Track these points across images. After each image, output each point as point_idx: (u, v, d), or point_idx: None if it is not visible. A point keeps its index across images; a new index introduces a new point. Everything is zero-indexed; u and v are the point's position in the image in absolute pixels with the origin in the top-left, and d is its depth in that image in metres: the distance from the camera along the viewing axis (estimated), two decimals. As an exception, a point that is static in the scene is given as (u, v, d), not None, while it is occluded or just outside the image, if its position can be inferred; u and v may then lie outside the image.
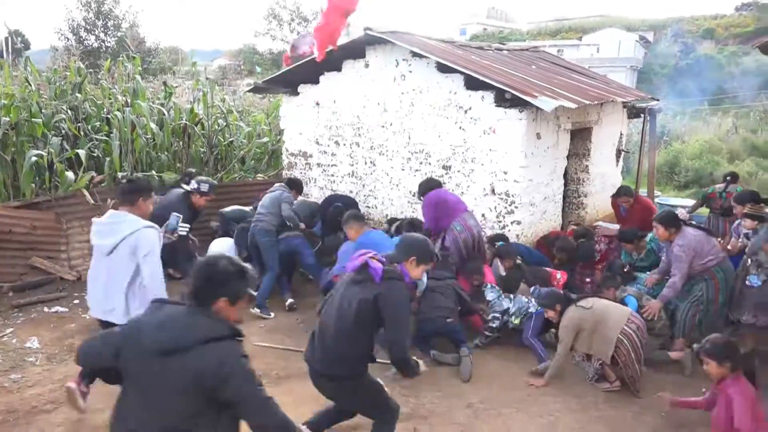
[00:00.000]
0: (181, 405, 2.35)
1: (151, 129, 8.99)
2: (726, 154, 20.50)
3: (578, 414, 4.69)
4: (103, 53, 21.95)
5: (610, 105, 8.58)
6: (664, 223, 5.45)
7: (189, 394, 2.34)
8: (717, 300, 5.43)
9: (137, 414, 2.41)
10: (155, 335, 2.37)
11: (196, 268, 2.52)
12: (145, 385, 2.39)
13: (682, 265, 5.31)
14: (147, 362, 2.36)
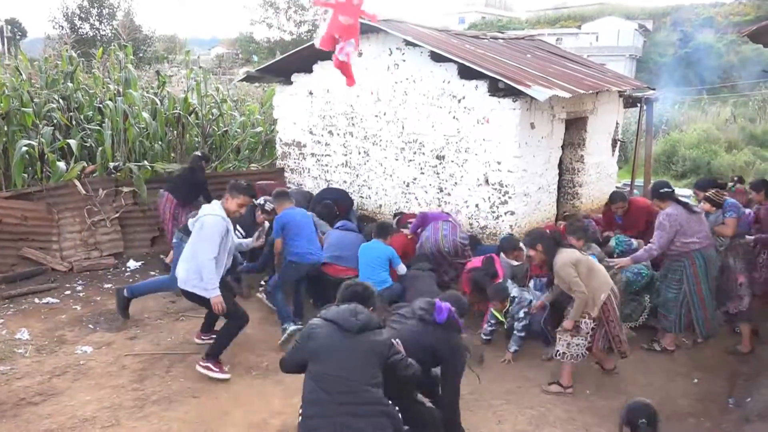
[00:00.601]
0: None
1: (144, 118, 8.93)
2: (724, 144, 20.42)
3: (568, 405, 4.69)
4: (98, 42, 21.78)
5: (606, 94, 8.51)
6: (654, 194, 5.56)
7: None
8: (700, 290, 5.32)
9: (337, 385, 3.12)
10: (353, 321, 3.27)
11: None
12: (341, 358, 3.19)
13: (663, 234, 5.26)
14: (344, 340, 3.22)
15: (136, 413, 4.34)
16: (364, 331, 3.24)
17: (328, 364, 3.15)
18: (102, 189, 7.74)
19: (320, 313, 3.41)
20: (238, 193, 4.96)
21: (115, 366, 5.06)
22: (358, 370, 3.15)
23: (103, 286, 6.93)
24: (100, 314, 6.14)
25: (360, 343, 3.22)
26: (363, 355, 3.20)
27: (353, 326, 3.22)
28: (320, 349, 3.19)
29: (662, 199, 5.46)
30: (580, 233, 5.71)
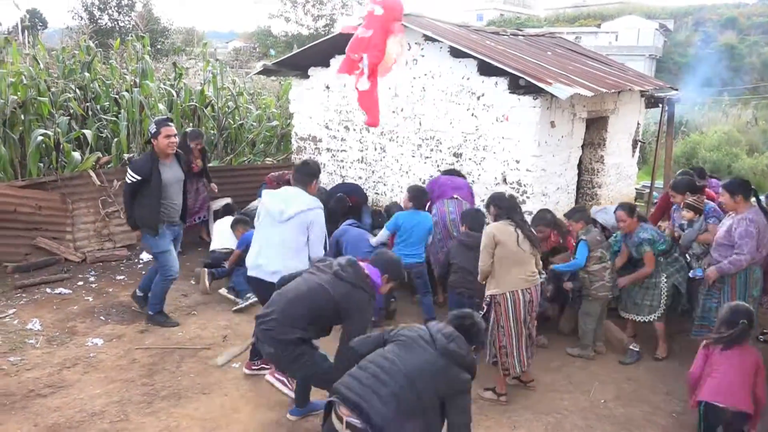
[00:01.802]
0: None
1: (160, 110, 8.89)
2: (745, 146, 20.10)
3: (586, 412, 4.57)
4: (116, 33, 21.84)
5: (628, 94, 8.34)
6: (731, 189, 4.89)
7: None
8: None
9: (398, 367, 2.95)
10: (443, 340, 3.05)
11: None
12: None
13: (751, 243, 4.70)
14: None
15: (145, 408, 4.28)
16: (447, 357, 2.98)
17: (393, 355, 2.99)
18: (116, 180, 7.70)
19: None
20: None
21: (126, 359, 5.01)
22: (419, 383, 2.91)
23: (115, 278, 6.90)
24: (111, 306, 6.10)
25: (436, 361, 2.97)
26: (431, 373, 2.95)
27: (440, 345, 3.00)
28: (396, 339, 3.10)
29: (744, 197, 4.87)
30: (576, 215, 5.47)
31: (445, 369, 2.95)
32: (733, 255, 4.77)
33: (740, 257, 4.72)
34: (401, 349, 3.01)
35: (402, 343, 3.05)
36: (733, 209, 4.91)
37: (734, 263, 4.76)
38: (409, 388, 2.87)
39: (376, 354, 3.06)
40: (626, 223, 5.37)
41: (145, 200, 5.30)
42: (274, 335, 3.68)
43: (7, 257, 6.95)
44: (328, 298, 3.68)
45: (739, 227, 4.75)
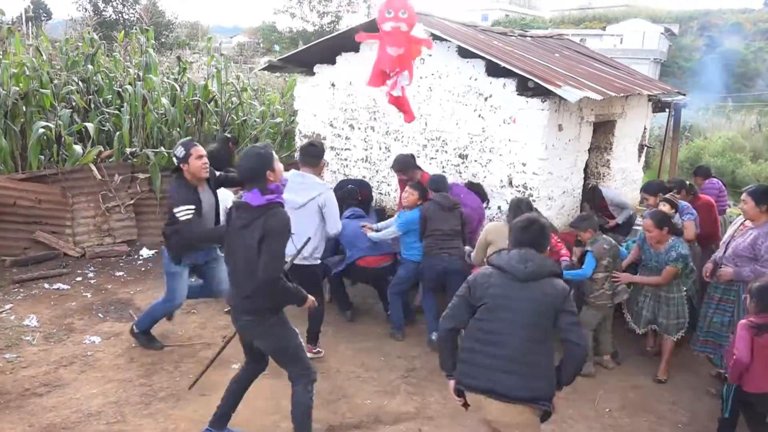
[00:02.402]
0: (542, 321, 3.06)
1: (163, 104, 8.81)
2: (749, 153, 20.04)
3: (591, 421, 4.50)
4: (120, 25, 21.75)
5: (635, 98, 8.26)
6: (757, 197, 4.61)
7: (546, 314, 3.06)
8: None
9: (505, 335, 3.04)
10: (521, 267, 3.09)
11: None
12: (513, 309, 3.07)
13: None
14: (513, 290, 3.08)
15: (143, 410, 4.21)
16: (534, 281, 3.08)
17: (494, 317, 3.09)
18: (118, 174, 7.64)
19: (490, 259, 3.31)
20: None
21: (123, 358, 4.94)
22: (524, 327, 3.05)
23: (114, 274, 6.83)
24: (110, 303, 6.03)
25: (529, 294, 3.07)
26: (531, 307, 3.06)
27: (522, 275, 3.08)
28: (489, 300, 3.12)
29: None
30: (584, 224, 5.25)
31: (540, 293, 3.07)
32: (756, 266, 4.56)
33: (765, 270, 4.47)
34: (495, 312, 3.08)
35: (490, 307, 3.10)
36: (755, 218, 4.66)
37: (757, 274, 4.50)
38: (525, 340, 3.01)
39: (477, 330, 3.13)
40: (652, 234, 5.02)
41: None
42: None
43: (6, 251, 6.89)
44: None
45: (766, 241, 4.53)
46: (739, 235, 4.80)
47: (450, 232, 5.44)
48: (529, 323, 3.03)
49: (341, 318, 6.08)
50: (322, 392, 4.65)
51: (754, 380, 3.86)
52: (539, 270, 3.09)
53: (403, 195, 5.77)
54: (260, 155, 3.46)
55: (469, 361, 3.12)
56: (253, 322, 3.57)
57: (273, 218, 3.35)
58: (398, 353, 5.41)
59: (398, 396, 4.70)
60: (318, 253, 4.91)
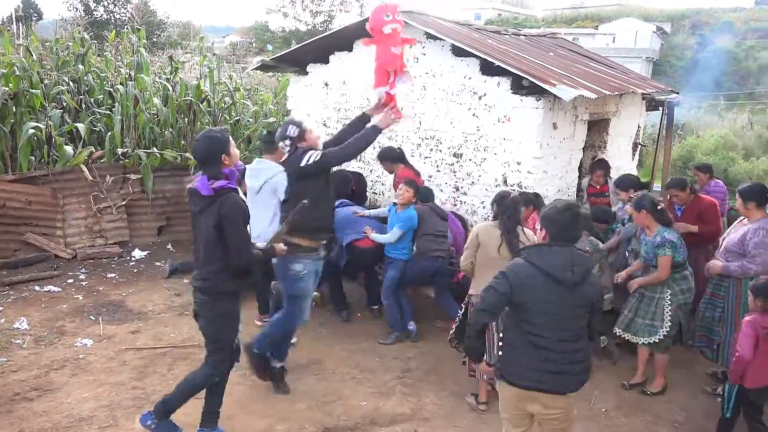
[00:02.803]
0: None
1: (155, 104, 8.73)
2: (741, 150, 20.12)
3: (588, 421, 4.47)
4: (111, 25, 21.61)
5: (629, 96, 8.25)
6: (744, 195, 4.71)
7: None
8: (737, 311, 4.73)
9: (547, 338, 3.04)
10: (569, 275, 3.00)
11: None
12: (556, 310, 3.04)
13: (765, 254, 4.53)
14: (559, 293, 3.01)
15: (135, 414, 4.14)
16: (581, 285, 3.04)
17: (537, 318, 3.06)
18: (109, 175, 7.57)
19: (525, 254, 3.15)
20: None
21: (116, 361, 4.88)
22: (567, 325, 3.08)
23: (106, 276, 6.76)
24: (102, 305, 5.97)
25: (576, 297, 3.05)
26: (576, 311, 3.08)
27: (569, 282, 3.01)
28: (532, 303, 3.05)
29: (760, 205, 4.70)
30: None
31: (584, 295, 3.06)
32: (743, 261, 4.63)
33: (751, 266, 4.57)
34: (538, 314, 3.04)
35: (533, 308, 3.04)
36: (745, 215, 4.76)
37: (743, 269, 4.61)
38: (569, 339, 3.05)
39: (517, 328, 3.10)
40: (635, 217, 4.95)
41: (320, 202, 4.33)
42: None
43: (-4, 253, 6.80)
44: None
45: (755, 237, 4.60)
46: (734, 231, 4.89)
47: (441, 235, 5.71)
48: (572, 325, 3.08)
49: (337, 318, 6.04)
50: (316, 394, 4.62)
51: (754, 376, 3.87)
52: (585, 273, 3.05)
53: (398, 192, 5.73)
54: (215, 138, 3.51)
55: (513, 359, 3.14)
56: (207, 303, 3.64)
57: (226, 205, 3.42)
58: (393, 354, 5.38)
59: (393, 397, 4.66)
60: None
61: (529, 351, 3.06)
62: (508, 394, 3.23)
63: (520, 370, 3.10)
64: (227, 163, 3.51)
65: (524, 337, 3.07)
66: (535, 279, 3.01)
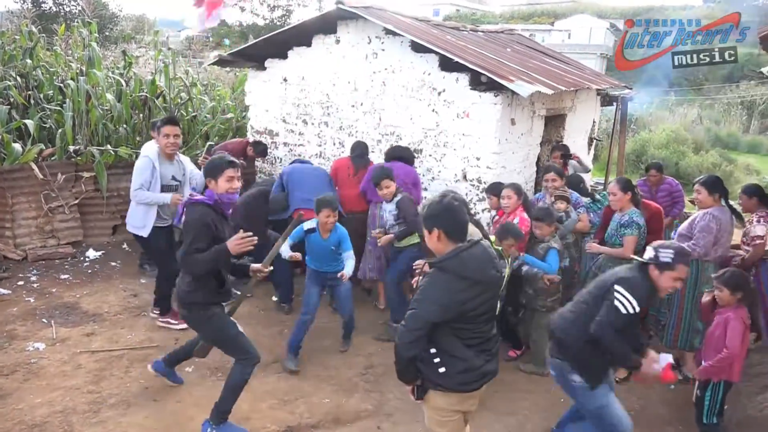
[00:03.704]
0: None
1: (108, 100, 8.49)
2: (691, 144, 20.76)
3: (548, 412, 4.54)
4: (61, 18, 20.92)
5: (585, 92, 8.42)
6: (709, 187, 4.89)
7: None
8: (682, 295, 4.96)
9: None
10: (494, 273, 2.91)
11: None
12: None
13: (708, 237, 4.78)
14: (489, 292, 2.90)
15: (91, 418, 4.04)
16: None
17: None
18: (61, 173, 7.33)
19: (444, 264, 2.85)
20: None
21: (70, 365, 4.74)
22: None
23: (59, 277, 6.56)
24: (55, 308, 5.79)
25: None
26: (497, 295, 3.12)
27: (496, 280, 2.99)
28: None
29: (720, 196, 4.92)
30: (548, 219, 5.03)
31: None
32: (689, 243, 4.79)
33: (695, 248, 4.78)
34: (481, 317, 2.95)
35: (473, 316, 2.90)
36: (708, 206, 4.90)
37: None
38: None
39: (468, 339, 2.95)
40: (617, 197, 5.04)
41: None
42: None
43: (-60, 255, 6.53)
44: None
45: (701, 221, 4.84)
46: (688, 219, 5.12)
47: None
48: (494, 310, 3.15)
49: (278, 310, 6.09)
50: (278, 392, 4.58)
51: (740, 369, 3.97)
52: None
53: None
54: (209, 162, 3.83)
55: (456, 368, 2.97)
56: (188, 316, 3.88)
57: (186, 215, 3.70)
58: (355, 351, 5.37)
59: (356, 394, 4.66)
60: (133, 220, 5.41)
61: (471, 354, 2.94)
62: (448, 402, 3.05)
63: (472, 375, 2.96)
64: (210, 187, 3.72)
65: (463, 344, 2.92)
66: (464, 292, 2.79)
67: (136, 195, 5.27)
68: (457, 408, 3.09)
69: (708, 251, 4.86)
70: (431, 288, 2.82)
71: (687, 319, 5.03)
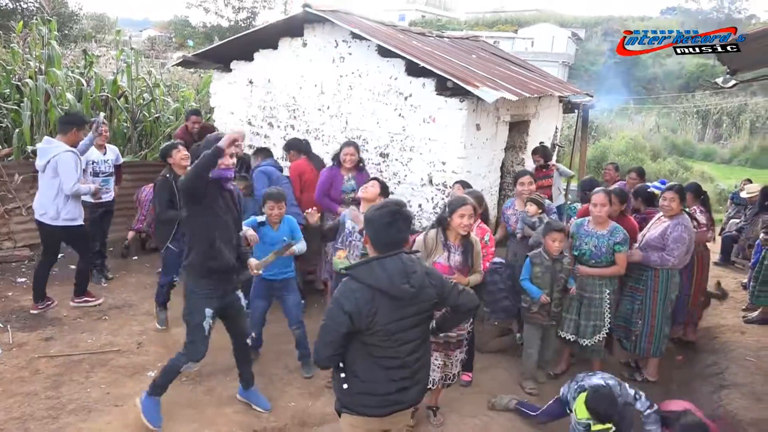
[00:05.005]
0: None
1: (68, 99, 8.31)
2: (649, 152, 21.30)
3: (513, 414, 4.60)
4: (18, 15, 20.37)
5: (548, 99, 8.58)
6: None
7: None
8: (654, 304, 5.03)
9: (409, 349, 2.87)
10: (407, 287, 2.75)
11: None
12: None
13: (682, 248, 4.90)
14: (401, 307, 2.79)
15: (50, 424, 3.94)
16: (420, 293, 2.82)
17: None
18: (18, 174, 7.15)
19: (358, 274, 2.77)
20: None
21: (27, 370, 4.61)
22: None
23: (16, 281, 6.39)
24: (11, 312, 5.63)
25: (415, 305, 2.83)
26: (420, 317, 2.89)
27: (406, 294, 2.76)
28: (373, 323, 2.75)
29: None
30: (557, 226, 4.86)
31: (427, 296, 2.88)
32: (663, 253, 4.93)
33: (670, 258, 4.90)
34: (393, 336, 2.82)
35: (383, 332, 2.79)
36: (676, 213, 4.98)
37: (662, 260, 4.92)
38: (422, 343, 2.97)
39: (379, 358, 2.81)
40: (606, 209, 4.82)
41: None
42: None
43: None
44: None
45: (674, 232, 4.92)
46: (653, 227, 5.19)
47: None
48: (419, 333, 2.93)
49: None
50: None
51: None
52: (422, 279, 2.83)
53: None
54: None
55: (363, 390, 2.87)
56: (185, 278, 4.02)
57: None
58: (322, 354, 5.35)
59: (322, 397, 4.65)
60: (68, 214, 5.47)
61: (381, 376, 2.81)
62: (359, 423, 2.91)
63: (374, 400, 2.83)
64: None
65: (374, 364, 2.80)
66: (373, 301, 2.71)
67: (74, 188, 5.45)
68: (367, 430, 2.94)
69: (682, 261, 5.01)
70: (341, 296, 2.75)
71: (659, 327, 5.10)
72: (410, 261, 2.83)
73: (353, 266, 2.83)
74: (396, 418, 2.97)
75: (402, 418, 3.05)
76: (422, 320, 2.91)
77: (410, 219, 2.91)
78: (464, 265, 4.07)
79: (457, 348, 4.21)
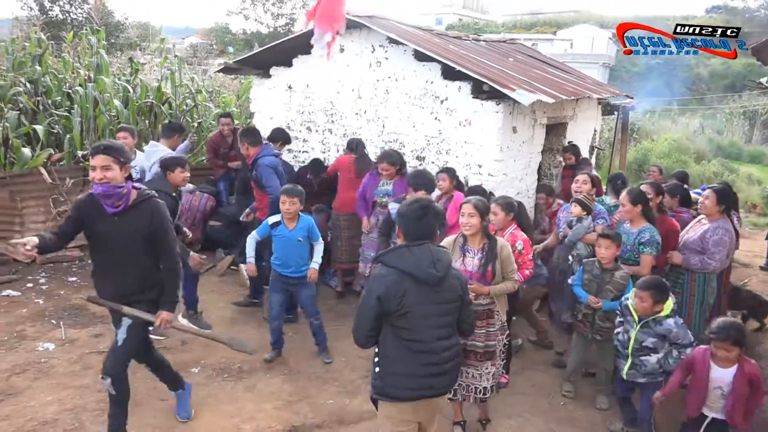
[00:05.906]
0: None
1: (115, 106, 8.63)
2: (693, 154, 20.81)
3: (548, 415, 4.62)
4: (68, 25, 21.14)
5: (586, 101, 8.52)
6: (720, 195, 4.89)
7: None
8: (691, 309, 4.97)
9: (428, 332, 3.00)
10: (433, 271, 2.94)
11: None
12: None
13: (723, 251, 4.84)
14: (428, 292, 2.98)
15: (100, 416, 4.12)
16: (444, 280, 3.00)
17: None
18: (69, 178, 7.45)
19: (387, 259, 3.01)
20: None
21: (79, 365, 4.83)
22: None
23: (67, 280, 6.67)
24: (63, 309, 5.89)
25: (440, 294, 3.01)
26: (445, 306, 3.04)
27: (432, 278, 2.95)
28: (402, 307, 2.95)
29: (727, 207, 4.98)
30: (614, 237, 4.69)
31: (451, 285, 3.08)
32: (704, 257, 4.86)
33: (711, 262, 4.83)
34: (420, 319, 3.02)
35: (410, 315, 3.00)
36: (714, 215, 4.92)
37: (703, 264, 4.85)
38: (449, 333, 3.12)
39: (407, 341, 3.00)
40: (626, 209, 4.83)
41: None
42: None
43: (-49, 257, 6.63)
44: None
45: (714, 235, 4.84)
46: (692, 230, 5.13)
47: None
48: (445, 321, 3.07)
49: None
50: (283, 394, 4.66)
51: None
52: (447, 267, 3.02)
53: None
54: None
55: (393, 372, 3.03)
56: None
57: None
58: (358, 353, 5.41)
59: (360, 395, 4.73)
60: None
61: (409, 359, 2.98)
62: (393, 412, 3.09)
63: (404, 382, 3.00)
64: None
65: (403, 346, 2.98)
66: (401, 284, 2.91)
67: None
68: (405, 418, 3.07)
69: (723, 264, 4.95)
70: (373, 282, 3.00)
71: (695, 331, 4.89)
72: (437, 251, 3.03)
73: (383, 253, 3.09)
74: (428, 407, 3.10)
75: (433, 408, 3.17)
76: (449, 311, 3.05)
77: (440, 214, 3.11)
78: (483, 270, 3.92)
79: (488, 360, 4.01)
